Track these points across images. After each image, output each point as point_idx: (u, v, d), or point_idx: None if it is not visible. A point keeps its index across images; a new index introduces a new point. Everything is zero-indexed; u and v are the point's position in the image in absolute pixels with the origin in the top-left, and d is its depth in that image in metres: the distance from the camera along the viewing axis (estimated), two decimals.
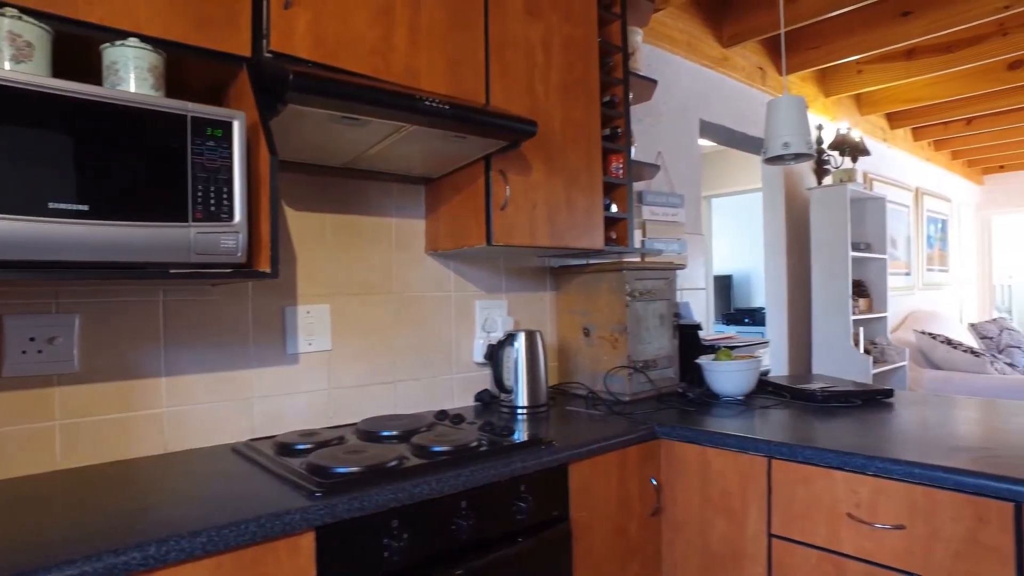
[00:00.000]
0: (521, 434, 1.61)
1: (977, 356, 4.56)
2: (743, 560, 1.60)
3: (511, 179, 1.79)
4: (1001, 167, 7.17)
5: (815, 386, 1.99)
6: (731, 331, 7.04)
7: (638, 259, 2.59)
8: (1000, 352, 5.69)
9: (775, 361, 3.82)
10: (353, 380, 1.86)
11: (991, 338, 5.88)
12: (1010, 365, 5.02)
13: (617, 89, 2.17)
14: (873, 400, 1.96)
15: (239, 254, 1.24)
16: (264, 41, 1.30)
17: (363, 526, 1.18)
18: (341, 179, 1.84)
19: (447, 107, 1.39)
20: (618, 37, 2.20)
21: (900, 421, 1.69)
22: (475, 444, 1.47)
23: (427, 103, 1.36)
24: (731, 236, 7.46)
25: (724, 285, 7.71)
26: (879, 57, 3.93)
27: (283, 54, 1.33)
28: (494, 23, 1.77)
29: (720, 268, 7.65)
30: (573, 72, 1.97)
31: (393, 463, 1.31)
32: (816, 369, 3.73)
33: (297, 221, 1.76)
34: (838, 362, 3.61)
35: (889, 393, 1.99)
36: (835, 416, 1.78)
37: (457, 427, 1.67)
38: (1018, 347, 5.69)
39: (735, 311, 7.53)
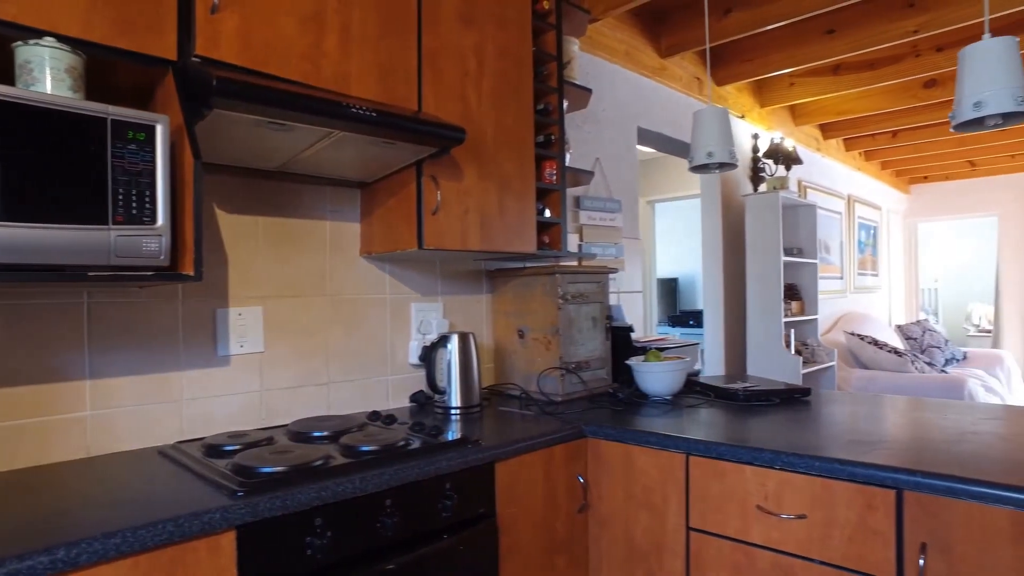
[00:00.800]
0: (450, 434, 1.64)
1: (900, 356, 4.81)
2: (664, 553, 1.67)
3: (443, 184, 1.83)
4: (925, 178, 7.55)
5: (738, 386, 2.08)
6: (676, 332, 7.22)
7: (575, 263, 2.66)
8: (922, 352, 6.00)
9: (712, 362, 3.95)
10: (286, 382, 1.86)
11: (915, 339, 6.19)
12: (929, 364, 5.29)
13: (552, 97, 2.23)
14: (791, 399, 2.06)
15: (162, 257, 1.24)
16: (190, 45, 1.31)
17: (285, 524, 1.20)
18: (275, 182, 1.84)
19: (374, 114, 1.42)
20: (553, 46, 2.26)
21: (812, 418, 1.79)
22: (402, 443, 1.50)
23: (353, 110, 1.38)
24: (677, 240, 7.65)
25: (670, 288, 7.90)
26: (809, 71, 4.11)
27: (210, 59, 1.33)
28: (427, 31, 1.80)
29: (666, 271, 7.83)
30: (507, 80, 2.02)
31: (319, 462, 1.33)
32: (750, 369, 3.87)
33: (229, 223, 1.76)
34: (771, 363, 3.76)
35: (807, 392, 2.10)
36: (754, 414, 1.87)
37: (388, 427, 1.70)
38: (938, 347, 6.01)
39: (680, 313, 7.71)
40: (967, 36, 3.50)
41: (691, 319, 7.16)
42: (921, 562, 1.26)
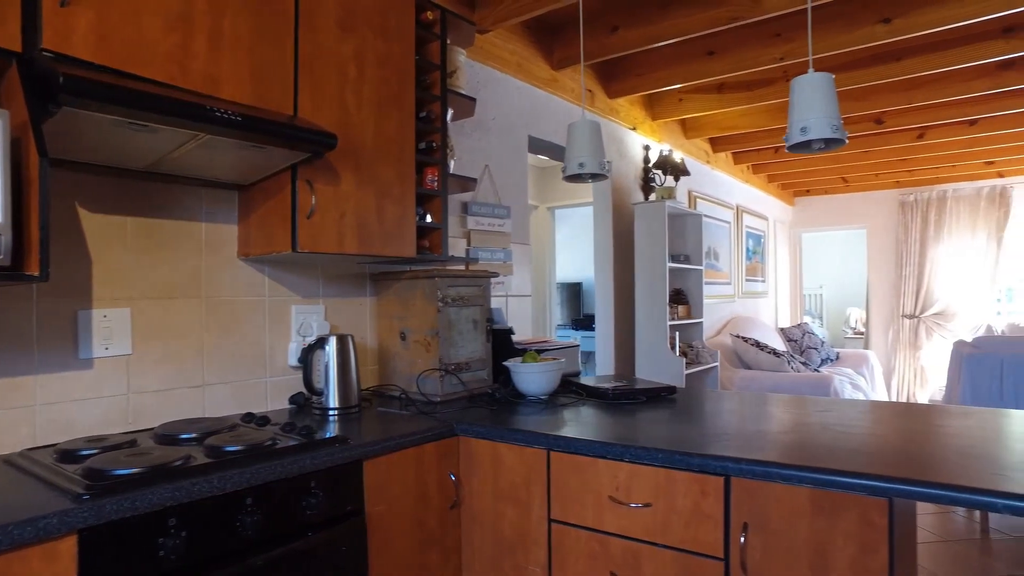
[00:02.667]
0: (321, 433, 1.67)
1: (778, 357, 5.16)
2: (529, 544, 1.76)
3: (319, 188, 1.85)
4: (807, 191, 8.13)
5: (609, 386, 2.21)
6: (579, 335, 7.43)
7: (463, 267, 2.73)
8: (802, 353, 6.45)
9: (603, 363, 4.11)
10: (157, 384, 1.83)
11: (796, 341, 6.65)
12: (804, 364, 5.71)
13: (435, 105, 2.29)
14: (658, 397, 2.20)
15: (2, 256, 1.21)
16: (36, 37, 1.28)
17: (134, 527, 1.19)
18: (145, 182, 1.80)
19: (239, 118, 1.43)
20: (438, 56, 2.32)
21: (671, 415, 1.93)
22: (269, 443, 1.51)
23: (217, 113, 1.39)
24: (580, 246, 7.88)
25: (575, 292, 8.13)
26: (695, 88, 4.36)
27: (61, 54, 1.31)
28: (304, 36, 1.82)
29: (570, 276, 8.05)
30: (388, 87, 2.06)
31: (178, 463, 1.33)
32: (639, 370, 4.06)
33: (95, 223, 1.71)
34: (657, 364, 3.96)
35: (672, 390, 2.25)
36: (621, 412, 2.00)
37: (260, 428, 1.70)
38: (815, 348, 6.49)
39: (584, 316, 7.96)
40: (824, 66, 3.83)
41: (594, 322, 7.41)
42: (742, 540, 1.39)
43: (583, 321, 7.70)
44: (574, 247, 7.97)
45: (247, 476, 1.36)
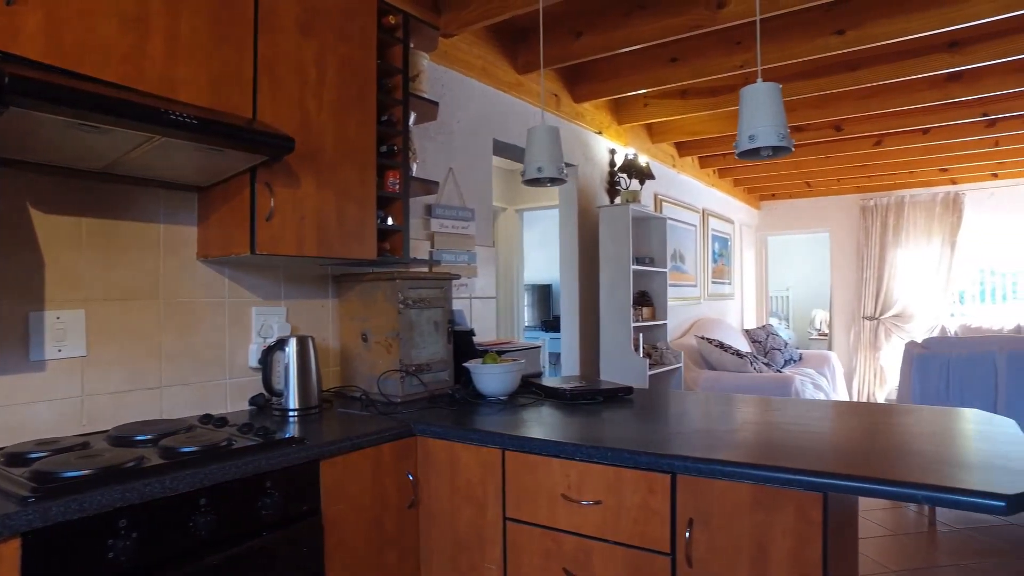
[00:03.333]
0: (279, 434, 1.67)
1: (741, 358, 5.27)
2: (485, 543, 1.79)
3: (279, 191, 1.86)
4: (773, 195, 8.29)
5: (567, 386, 2.25)
6: (548, 336, 7.48)
7: (426, 269, 2.75)
8: (766, 354, 6.59)
9: (568, 364, 4.16)
10: (113, 386, 1.82)
11: (760, 342, 6.78)
12: (767, 365, 5.83)
13: (397, 109, 2.31)
14: (615, 397, 2.25)
15: None
16: None
17: (82, 529, 1.19)
18: (102, 183, 1.80)
19: (195, 120, 1.44)
20: (401, 60, 2.34)
21: (625, 414, 1.97)
22: (224, 444, 1.52)
23: (172, 115, 1.39)
24: (550, 248, 7.93)
25: (544, 293, 8.18)
26: (661, 93, 4.44)
27: (8, 53, 1.30)
28: (264, 39, 1.83)
29: (540, 278, 8.10)
30: (349, 91, 2.08)
31: (131, 464, 1.34)
32: (603, 371, 4.12)
33: (48, 224, 1.70)
34: (621, 365, 4.02)
35: (629, 391, 2.29)
36: (577, 412, 2.04)
37: (217, 429, 1.71)
38: (779, 349, 6.62)
39: (553, 317, 8.01)
40: (784, 74, 3.93)
41: None
42: (687, 535, 1.44)
43: (552, 323, 7.75)
44: (543, 249, 8.02)
45: (201, 477, 1.37)
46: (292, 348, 2.04)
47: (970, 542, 3.34)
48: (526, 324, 7.87)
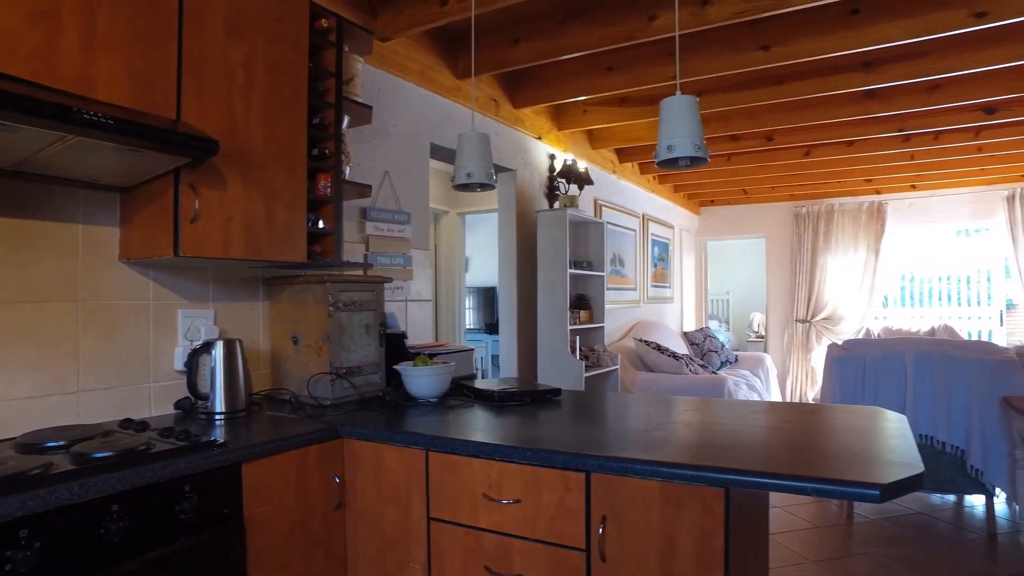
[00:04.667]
0: (202, 437, 1.66)
1: (677, 359, 5.42)
2: (409, 542, 1.81)
3: (205, 193, 1.84)
4: (712, 201, 8.55)
5: (495, 388, 2.29)
6: (492, 339, 7.53)
7: (360, 272, 2.75)
8: (703, 356, 6.79)
9: (507, 366, 4.21)
10: (23, 391, 1.77)
11: (698, 344, 6.98)
12: (703, 366, 6.01)
13: (329, 112, 2.31)
14: (543, 399, 2.30)
15: None
16: None
17: None
18: (13, 181, 1.74)
19: (110, 120, 1.42)
20: (334, 63, 2.35)
21: (551, 415, 2.03)
22: (142, 448, 1.50)
23: (85, 115, 1.37)
24: (494, 251, 7.98)
25: (488, 297, 8.23)
26: (600, 101, 4.53)
27: None
28: (190, 40, 1.81)
29: (484, 281, 8.14)
30: (279, 93, 2.07)
31: (36, 471, 1.31)
32: (541, 373, 4.18)
33: None
34: (558, 367, 4.09)
35: (557, 392, 2.35)
36: (505, 413, 2.08)
37: (137, 433, 1.68)
38: (716, 351, 6.83)
39: (497, 320, 8.06)
40: (717, 85, 4.08)
41: None
42: (601, 531, 1.50)
43: (496, 325, 7.79)
44: (488, 252, 8.06)
45: (112, 482, 1.35)
46: (219, 351, 2.02)
47: (882, 531, 3.53)
48: (470, 327, 7.91)
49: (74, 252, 1.88)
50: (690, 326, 8.41)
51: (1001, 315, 7.39)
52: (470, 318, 8.02)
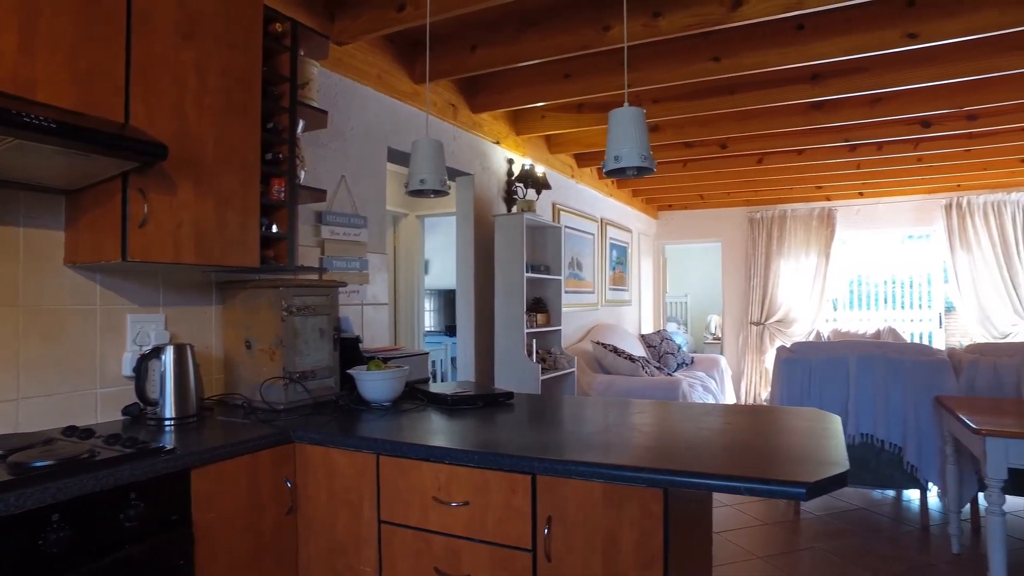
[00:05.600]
0: (149, 444, 1.65)
1: (634, 362, 5.52)
2: (361, 545, 1.83)
3: (154, 197, 1.83)
4: (670, 206, 8.71)
5: (448, 392, 2.32)
6: (451, 341, 7.54)
7: (315, 276, 2.75)
8: (660, 358, 6.91)
9: (464, 369, 4.24)
10: None
11: (655, 346, 7.11)
12: (659, 368, 6.13)
13: (283, 117, 2.31)
14: (495, 402, 2.34)
15: None
16: None
17: None
18: None
19: (52, 123, 1.41)
20: (288, 67, 2.35)
21: (502, 419, 2.07)
22: (85, 456, 1.49)
23: (24, 116, 1.36)
24: (454, 254, 7.99)
25: (449, 299, 8.24)
26: (558, 107, 4.60)
27: None
28: (139, 42, 1.79)
29: (445, 283, 8.14)
30: (231, 98, 2.06)
31: None
32: (497, 375, 4.22)
33: None
34: (515, 370, 4.13)
35: (510, 396, 2.39)
36: (457, 416, 2.11)
37: (80, 441, 1.66)
38: (672, 354, 6.97)
39: None
40: (672, 94, 4.18)
41: None
42: (546, 531, 1.54)
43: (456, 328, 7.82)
44: (448, 255, 8.06)
45: (52, 492, 1.34)
46: (169, 356, 2.01)
47: (827, 527, 3.67)
48: (431, 329, 7.91)
49: (14, 256, 1.84)
50: (648, 329, 8.55)
51: (940, 317, 7.71)
52: (430, 320, 8.02)
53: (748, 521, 3.82)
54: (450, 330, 7.84)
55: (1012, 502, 3.59)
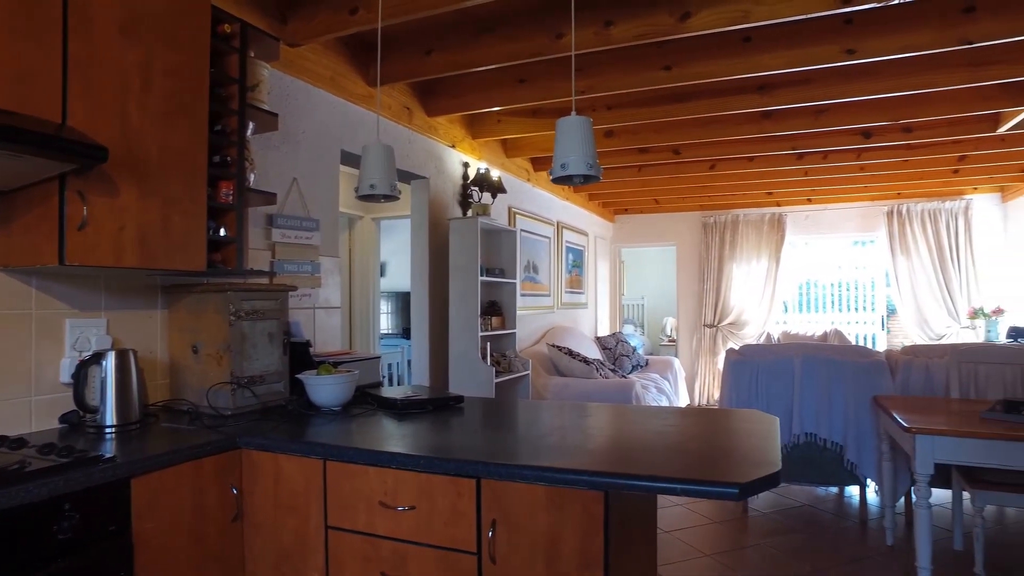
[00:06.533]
0: (87, 452, 1.61)
1: (588, 364, 5.58)
2: (307, 551, 1.82)
3: (95, 200, 1.79)
4: (626, 210, 8.84)
5: (398, 396, 2.33)
6: (407, 343, 7.50)
7: (265, 280, 2.72)
8: (615, 360, 7.01)
9: (419, 373, 4.23)
10: None
11: (610, 349, 7.20)
12: (614, 370, 6.22)
13: (232, 119, 2.28)
14: (446, 406, 2.35)
15: None
16: None
17: None
18: None
19: None
20: (237, 69, 2.32)
21: (451, 422, 2.08)
22: (15, 467, 1.45)
23: None
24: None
25: (406, 302, 8.17)
26: (513, 111, 4.63)
27: None
28: (76, 40, 1.75)
29: (401, 286, 8.10)
30: (177, 99, 2.03)
31: None
32: (452, 378, 4.23)
33: None
34: (469, 373, 4.15)
35: (460, 399, 2.41)
36: (407, 420, 2.12)
37: (10, 452, 1.62)
38: (627, 356, 7.07)
39: None
40: (625, 101, 4.25)
41: None
42: (490, 534, 1.57)
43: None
44: (404, 257, 8.02)
45: None
46: (110, 361, 1.96)
47: (773, 524, 3.78)
48: (387, 332, 7.86)
49: None
50: (604, 331, 8.65)
51: (883, 320, 8.01)
52: (387, 323, 7.97)
53: (697, 520, 3.91)
54: (407, 333, 7.78)
55: (939, 495, 3.77)
